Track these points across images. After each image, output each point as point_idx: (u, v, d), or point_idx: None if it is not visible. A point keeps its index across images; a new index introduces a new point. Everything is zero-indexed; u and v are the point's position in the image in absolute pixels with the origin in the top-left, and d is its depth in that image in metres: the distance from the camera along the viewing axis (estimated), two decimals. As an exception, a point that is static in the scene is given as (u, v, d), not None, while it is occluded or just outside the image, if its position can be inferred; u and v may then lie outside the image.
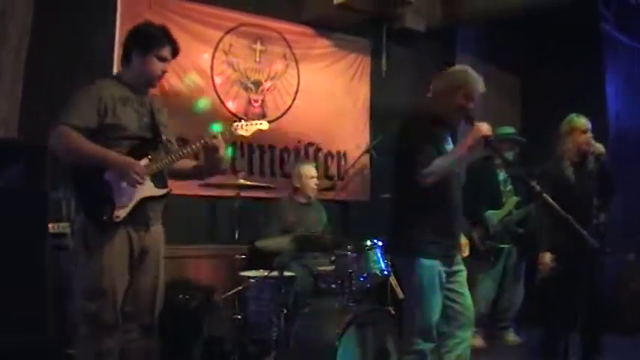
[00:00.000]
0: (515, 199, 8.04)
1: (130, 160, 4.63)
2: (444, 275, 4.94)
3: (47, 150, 5.56)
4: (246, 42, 9.03)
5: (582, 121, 6.82)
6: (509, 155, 8.12)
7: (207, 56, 8.68)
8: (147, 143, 4.81)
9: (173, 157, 4.87)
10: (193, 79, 8.50)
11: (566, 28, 10.42)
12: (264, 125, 5.32)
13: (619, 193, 7.41)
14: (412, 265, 4.90)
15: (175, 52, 4.97)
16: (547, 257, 6.66)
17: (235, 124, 5.18)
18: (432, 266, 4.87)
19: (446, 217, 5.00)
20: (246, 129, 5.17)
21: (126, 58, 4.93)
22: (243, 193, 7.36)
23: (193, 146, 4.94)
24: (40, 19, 7.03)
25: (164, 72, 4.95)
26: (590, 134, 6.76)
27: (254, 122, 5.24)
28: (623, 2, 9.50)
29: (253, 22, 9.09)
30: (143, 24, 5.08)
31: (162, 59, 4.87)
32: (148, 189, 4.75)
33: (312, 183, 8.07)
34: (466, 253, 5.69)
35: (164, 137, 4.97)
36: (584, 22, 10.21)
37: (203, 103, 8.54)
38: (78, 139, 4.52)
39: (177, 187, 7.65)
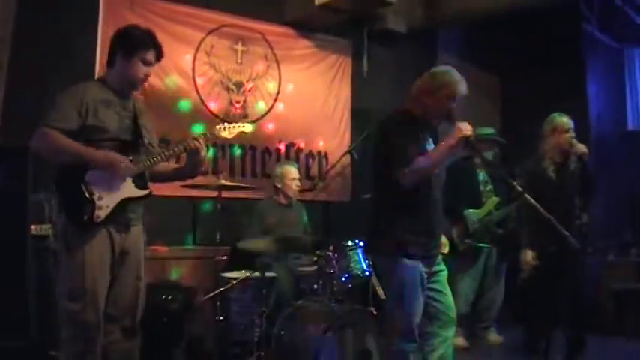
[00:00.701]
0: (495, 199, 8.06)
1: (115, 154, 4.64)
2: (425, 275, 4.95)
3: (29, 152, 5.56)
4: (227, 43, 9.05)
5: (564, 121, 6.85)
6: (489, 155, 8.13)
7: (188, 57, 8.70)
8: (128, 145, 4.80)
9: (154, 159, 4.87)
10: (175, 80, 8.50)
11: (548, 29, 10.46)
12: (247, 128, 5.35)
13: (600, 194, 7.44)
14: (393, 266, 4.90)
15: (160, 56, 4.97)
16: (529, 255, 6.70)
17: (218, 126, 5.22)
18: (413, 266, 4.87)
19: (426, 217, 5.00)
20: (229, 131, 5.19)
21: (110, 61, 4.92)
22: (225, 194, 7.35)
23: (175, 149, 4.96)
24: (22, 21, 7.01)
25: (147, 75, 4.94)
26: (571, 134, 6.78)
27: (237, 125, 5.27)
28: (606, 3, 9.55)
29: (235, 23, 9.10)
30: (129, 27, 5.05)
31: (147, 63, 4.86)
32: (129, 190, 4.75)
33: (294, 184, 8.09)
34: (446, 250, 5.69)
35: (146, 140, 4.96)
36: (566, 22, 10.25)
37: (184, 104, 8.55)
38: (61, 139, 4.52)
39: (159, 188, 7.64)
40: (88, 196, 4.57)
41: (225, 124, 5.27)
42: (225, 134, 5.19)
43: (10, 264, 6.11)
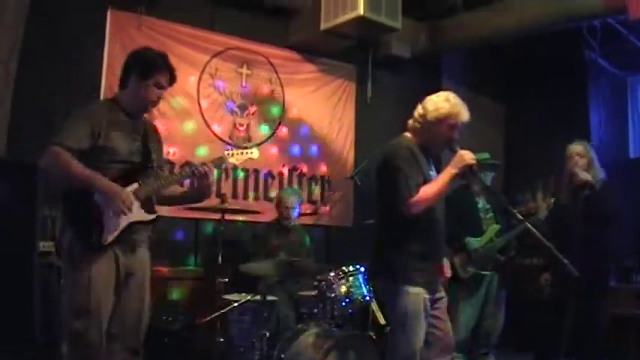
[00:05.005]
0: (496, 226, 8.04)
1: (118, 188, 4.61)
2: (428, 303, 4.96)
3: (38, 169, 5.57)
4: (232, 66, 9.11)
5: (569, 147, 6.89)
6: (487, 180, 8.12)
7: (193, 79, 8.75)
8: (137, 168, 4.82)
9: (162, 182, 4.90)
10: (180, 101, 8.54)
11: (551, 56, 10.51)
12: (254, 154, 5.35)
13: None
14: (398, 293, 4.89)
15: (173, 80, 4.97)
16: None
17: (226, 152, 5.23)
18: (417, 294, 4.87)
19: (431, 244, 5.01)
20: (236, 157, 5.21)
21: (123, 82, 4.91)
22: (227, 217, 7.38)
23: (183, 172, 5.00)
24: (29, 39, 7.06)
25: (160, 98, 4.95)
26: (576, 160, 6.80)
27: (245, 151, 5.28)
28: (609, 30, 9.59)
29: (240, 46, 9.17)
30: (144, 49, 5.07)
31: (160, 86, 4.87)
32: (137, 213, 4.74)
33: (293, 214, 8.13)
34: (449, 273, 5.68)
35: (155, 163, 4.98)
36: (569, 50, 10.29)
37: (189, 126, 8.59)
38: (68, 160, 4.49)
39: (162, 209, 7.71)
40: (97, 217, 4.57)
41: (233, 149, 5.28)
42: (232, 160, 5.21)
43: (17, 278, 6.18)
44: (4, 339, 5.98)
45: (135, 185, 4.75)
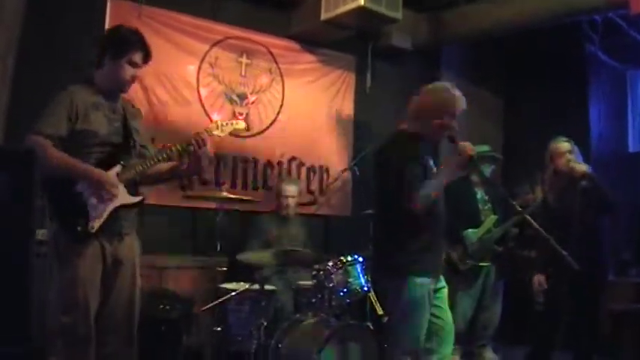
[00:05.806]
0: (493, 217, 8.04)
1: (101, 173, 4.60)
2: (432, 292, 4.97)
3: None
4: (232, 55, 9.07)
5: (557, 146, 6.84)
6: (487, 172, 8.12)
7: (193, 68, 8.71)
8: (119, 149, 4.78)
9: (148, 163, 4.84)
10: (179, 90, 8.51)
11: (552, 50, 10.49)
12: (240, 124, 5.32)
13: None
14: (403, 284, 4.90)
15: (147, 57, 4.92)
16: (537, 280, 6.75)
17: (211, 124, 5.16)
18: (422, 284, 4.89)
19: (434, 234, 5.03)
20: (222, 129, 5.13)
21: (99, 62, 4.86)
22: (226, 206, 7.38)
23: (168, 151, 4.90)
24: (28, 29, 7.03)
25: (135, 77, 4.88)
26: (569, 157, 6.75)
27: (229, 122, 5.21)
28: (609, 25, 9.57)
29: (240, 36, 9.13)
30: (116, 27, 5.03)
31: (134, 64, 4.82)
32: (122, 197, 4.70)
33: (292, 202, 8.15)
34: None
35: (137, 143, 4.94)
36: (569, 43, 10.27)
37: (188, 115, 8.58)
38: (49, 149, 4.46)
39: (160, 198, 7.69)
40: (81, 205, 4.55)
41: (218, 122, 5.19)
42: (218, 132, 5.10)
43: (13, 268, 6.12)
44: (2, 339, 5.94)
45: (117, 167, 4.72)
